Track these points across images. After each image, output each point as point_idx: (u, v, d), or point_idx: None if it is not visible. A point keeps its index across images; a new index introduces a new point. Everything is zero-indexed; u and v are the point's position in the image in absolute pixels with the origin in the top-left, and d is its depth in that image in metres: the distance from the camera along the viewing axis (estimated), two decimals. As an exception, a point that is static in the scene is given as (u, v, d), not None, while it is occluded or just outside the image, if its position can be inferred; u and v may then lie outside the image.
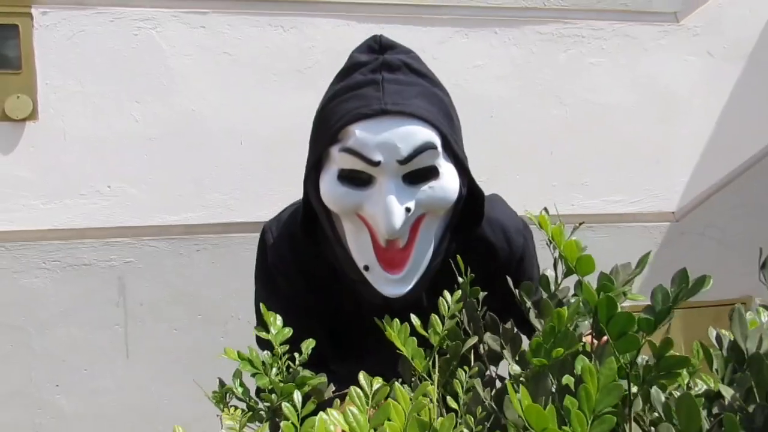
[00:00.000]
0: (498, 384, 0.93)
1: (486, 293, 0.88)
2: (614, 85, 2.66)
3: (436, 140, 0.93)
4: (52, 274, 2.26)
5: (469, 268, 0.87)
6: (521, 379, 0.67)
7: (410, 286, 0.95)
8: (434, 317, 0.89)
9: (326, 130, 0.94)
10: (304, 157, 2.52)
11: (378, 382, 0.62)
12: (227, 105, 2.31)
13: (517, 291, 0.99)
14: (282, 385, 0.86)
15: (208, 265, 2.34)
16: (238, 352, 0.86)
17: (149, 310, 2.33)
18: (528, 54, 2.55)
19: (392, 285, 0.95)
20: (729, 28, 2.74)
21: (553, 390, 0.69)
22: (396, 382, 0.59)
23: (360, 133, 0.90)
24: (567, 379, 0.66)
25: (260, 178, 2.36)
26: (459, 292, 0.91)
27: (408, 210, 0.92)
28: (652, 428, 0.72)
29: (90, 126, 2.24)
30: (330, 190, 0.93)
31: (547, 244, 0.94)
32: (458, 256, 0.89)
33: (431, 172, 0.93)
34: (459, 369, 0.78)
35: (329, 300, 1.08)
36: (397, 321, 0.88)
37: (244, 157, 2.34)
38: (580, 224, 1.10)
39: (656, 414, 0.73)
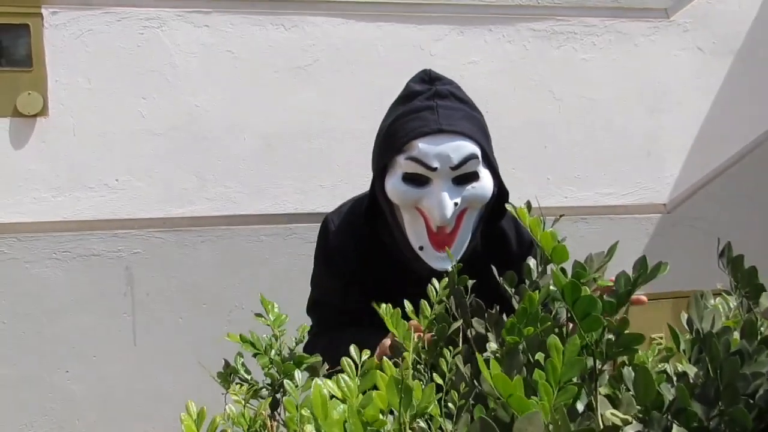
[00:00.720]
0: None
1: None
2: (606, 80, 2.72)
3: (478, 152, 1.21)
4: (62, 264, 2.34)
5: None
6: (497, 355, 0.75)
7: (454, 262, 1.15)
8: (423, 303, 0.97)
9: (394, 143, 1.22)
10: (305, 151, 2.59)
11: (366, 353, 0.70)
12: (230, 101, 2.38)
13: (500, 279, 1.07)
14: (283, 364, 0.94)
15: (212, 256, 2.41)
16: (241, 335, 0.94)
17: (156, 299, 2.40)
18: (522, 50, 2.62)
19: (441, 261, 1.22)
20: (718, 24, 2.79)
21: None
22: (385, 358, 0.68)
23: (422, 146, 1.19)
24: (539, 356, 0.74)
25: (262, 171, 2.43)
26: (445, 280, 0.99)
27: (456, 204, 1.20)
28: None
29: (98, 121, 2.31)
30: (396, 188, 1.22)
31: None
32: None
33: (473, 176, 1.21)
34: (445, 349, 0.86)
35: (379, 274, 1.33)
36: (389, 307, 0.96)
37: (247, 151, 2.41)
38: (560, 216, 1.19)
39: (625, 388, 0.81)
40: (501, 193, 1.29)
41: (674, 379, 0.90)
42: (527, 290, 0.91)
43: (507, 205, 0.97)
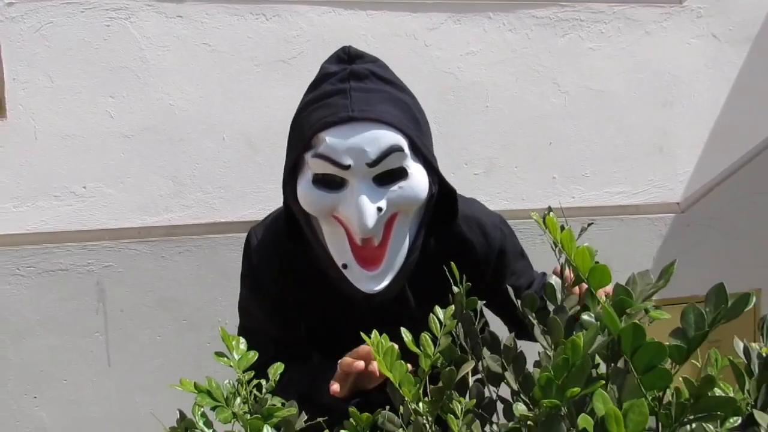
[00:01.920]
0: (499, 408, 0.82)
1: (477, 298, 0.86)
2: (615, 70, 2.55)
3: (403, 143, 0.99)
4: (26, 280, 2.15)
5: (459, 273, 0.87)
6: (529, 422, 0.55)
7: (387, 282, 1.02)
8: (425, 336, 0.78)
9: (299, 138, 1.02)
10: (290, 152, 2.39)
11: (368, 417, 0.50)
12: (207, 99, 2.20)
13: (519, 303, 0.88)
14: (248, 418, 0.74)
15: (192, 268, 2.23)
16: (195, 384, 0.75)
17: (131, 316, 2.22)
18: (524, 39, 2.44)
19: (369, 281, 1.02)
20: (734, 10, 2.62)
21: None
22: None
23: (330, 140, 0.97)
24: (584, 422, 0.54)
25: (244, 175, 2.25)
26: (452, 307, 0.80)
27: (380, 209, 0.98)
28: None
29: (62, 123, 2.12)
30: (306, 194, 1.01)
31: (552, 246, 0.83)
32: (452, 263, 0.88)
33: (400, 173, 1.00)
34: (454, 402, 0.67)
35: (314, 297, 1.15)
36: (383, 331, 0.77)
37: (227, 153, 2.23)
38: (589, 225, 1.00)
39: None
40: (444, 192, 1.08)
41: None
42: (558, 323, 0.71)
43: (533, 214, 0.76)
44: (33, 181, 2.12)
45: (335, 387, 0.95)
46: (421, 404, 0.72)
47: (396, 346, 0.77)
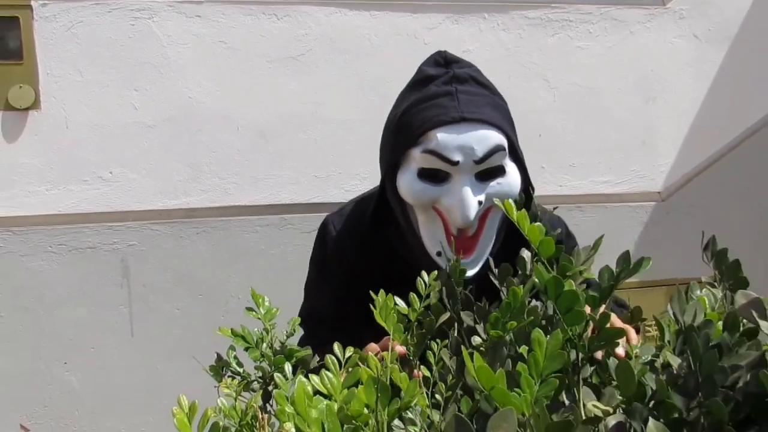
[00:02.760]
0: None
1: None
2: (601, 68, 2.71)
3: (505, 143, 1.07)
4: (58, 257, 2.34)
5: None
6: (482, 348, 0.76)
7: (477, 268, 1.09)
8: (412, 295, 0.98)
9: (408, 135, 1.07)
10: (299, 141, 2.59)
11: (350, 350, 0.70)
12: (223, 92, 2.37)
13: (496, 271, 1.07)
14: (273, 357, 0.95)
15: (208, 248, 2.41)
16: (232, 330, 0.95)
17: (152, 291, 2.41)
18: (516, 38, 2.60)
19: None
20: (714, 11, 2.78)
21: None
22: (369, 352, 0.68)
23: (442, 137, 1.04)
24: (522, 349, 0.75)
25: (256, 162, 2.43)
26: (435, 272, 1.00)
27: (480, 203, 1.06)
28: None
29: (91, 114, 2.30)
30: (411, 186, 1.07)
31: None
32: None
33: (499, 171, 1.08)
34: (432, 342, 0.87)
35: (383, 285, 1.18)
36: (381, 295, 0.96)
37: (241, 142, 2.41)
38: (555, 208, 1.19)
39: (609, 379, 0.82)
40: (526, 187, 1.16)
41: (659, 370, 0.91)
42: (513, 282, 0.92)
43: (495, 200, 0.93)
44: (64, 166, 2.31)
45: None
46: (409, 345, 0.92)
47: (393, 300, 0.95)
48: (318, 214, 1.98)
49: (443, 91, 1.08)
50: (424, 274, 1.00)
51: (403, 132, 1.09)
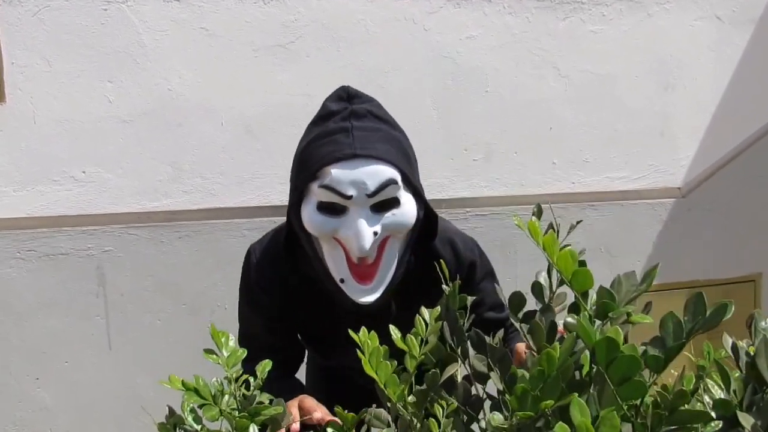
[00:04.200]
0: (486, 406, 0.83)
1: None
2: (616, 53, 2.53)
3: (397, 176, 1.13)
4: (27, 264, 2.16)
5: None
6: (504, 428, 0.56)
7: (378, 294, 1.17)
8: (410, 337, 0.79)
9: (306, 170, 1.14)
10: (289, 137, 2.40)
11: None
12: (206, 83, 2.19)
13: (506, 302, 0.89)
14: (236, 416, 0.76)
15: (191, 253, 2.24)
16: (183, 381, 0.76)
17: (131, 300, 2.24)
18: (524, 23, 2.42)
19: (364, 293, 1.16)
20: (738, -9, 2.59)
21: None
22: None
23: (335, 173, 1.10)
24: (561, 429, 0.55)
25: (243, 160, 2.25)
26: (438, 308, 0.81)
27: (375, 233, 1.13)
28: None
29: (61, 108, 2.12)
30: (311, 218, 1.14)
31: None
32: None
33: (394, 202, 1.14)
34: (436, 405, 0.68)
35: (307, 307, 1.29)
36: (370, 333, 0.78)
37: (226, 138, 2.23)
38: (577, 223, 1.00)
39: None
40: (428, 214, 1.24)
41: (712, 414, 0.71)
42: (540, 326, 0.72)
43: (514, 218, 0.79)
44: (32, 165, 2.13)
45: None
46: (407, 405, 0.73)
47: (383, 347, 0.77)
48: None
49: (339, 128, 1.13)
50: (424, 310, 0.81)
51: (303, 167, 1.16)
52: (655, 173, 2.64)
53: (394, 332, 0.83)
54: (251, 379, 0.82)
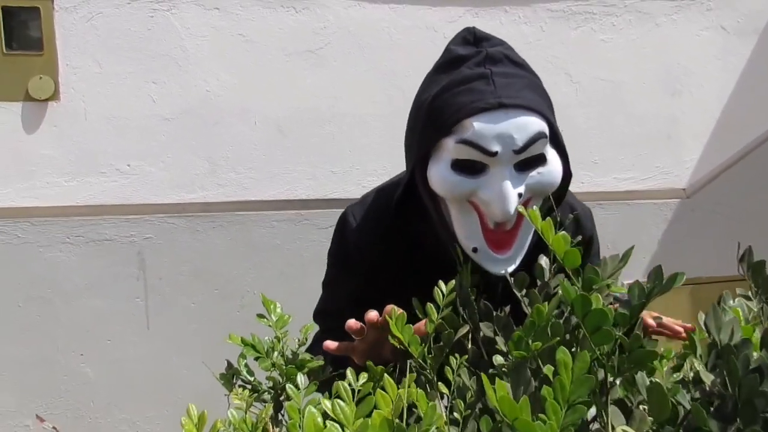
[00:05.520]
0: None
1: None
2: (625, 61, 2.65)
3: (546, 129, 0.98)
4: (75, 248, 2.34)
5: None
6: (503, 369, 0.72)
7: (515, 265, 1.02)
8: (430, 306, 0.95)
9: (438, 124, 0.98)
10: (317, 136, 2.56)
11: (363, 376, 0.68)
12: (241, 85, 2.35)
13: (512, 280, 1.04)
14: (286, 368, 0.92)
15: (224, 242, 2.40)
16: (242, 338, 0.92)
17: (168, 284, 2.40)
18: (538, 31, 2.55)
19: (499, 264, 1.01)
20: (743, 2, 2.70)
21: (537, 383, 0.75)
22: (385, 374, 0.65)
23: (478, 126, 0.94)
24: (548, 370, 0.72)
25: (273, 157, 2.40)
26: (452, 282, 0.96)
27: (520, 195, 0.97)
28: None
29: (109, 106, 2.30)
30: (444, 178, 0.98)
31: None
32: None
33: (540, 160, 0.99)
34: (451, 356, 0.84)
35: (406, 280, 1.11)
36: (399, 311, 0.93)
37: (258, 136, 2.39)
38: (574, 214, 1.15)
39: (640, 397, 0.78)
40: (565, 174, 1.07)
41: (690, 386, 0.87)
42: (536, 296, 0.89)
43: (518, 207, 0.89)
44: (82, 158, 2.31)
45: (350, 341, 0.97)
46: (426, 359, 0.89)
47: (404, 313, 0.92)
48: (335, 210, 1.94)
49: (477, 74, 0.97)
50: (441, 284, 0.96)
51: (434, 120, 0.99)
52: (661, 175, 2.76)
53: (416, 304, 0.98)
54: (295, 340, 0.98)
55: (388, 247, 1.12)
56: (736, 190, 2.80)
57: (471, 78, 0.97)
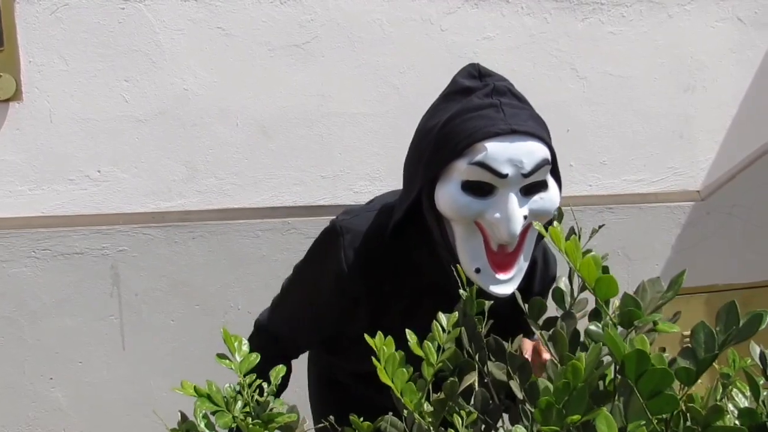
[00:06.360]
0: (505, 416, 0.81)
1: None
2: (635, 55, 2.50)
3: (549, 157, 1.06)
4: (42, 263, 2.17)
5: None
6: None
7: (515, 286, 1.06)
8: (427, 344, 0.77)
9: (451, 146, 1.04)
10: (304, 137, 2.40)
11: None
12: (221, 83, 2.19)
13: (525, 306, 0.87)
14: (250, 423, 0.74)
15: (205, 254, 2.23)
16: (195, 387, 0.74)
17: (145, 300, 2.23)
18: (542, 23, 2.39)
19: (501, 285, 1.05)
20: (760, -8, 2.56)
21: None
22: None
23: (492, 148, 1.01)
24: (587, 444, 0.53)
25: (257, 161, 2.24)
26: (456, 314, 0.79)
27: (525, 217, 1.04)
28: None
29: (77, 106, 2.12)
30: (454, 200, 1.04)
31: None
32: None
33: (542, 185, 1.06)
34: (455, 415, 0.66)
35: (397, 303, 1.18)
36: (389, 343, 0.76)
37: (241, 138, 2.22)
38: (600, 227, 0.98)
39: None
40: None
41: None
42: (563, 337, 0.70)
43: (535, 224, 0.77)
44: (48, 164, 2.14)
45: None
46: (423, 414, 0.71)
47: (400, 353, 0.76)
48: (324, 217, 1.80)
49: (487, 103, 1.05)
50: (441, 317, 0.79)
51: (445, 143, 1.06)
52: (674, 176, 2.61)
53: (410, 337, 0.81)
54: (265, 385, 0.80)
55: (383, 272, 1.15)
56: (754, 191, 2.66)
57: (482, 106, 1.04)
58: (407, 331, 0.81)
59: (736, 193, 2.64)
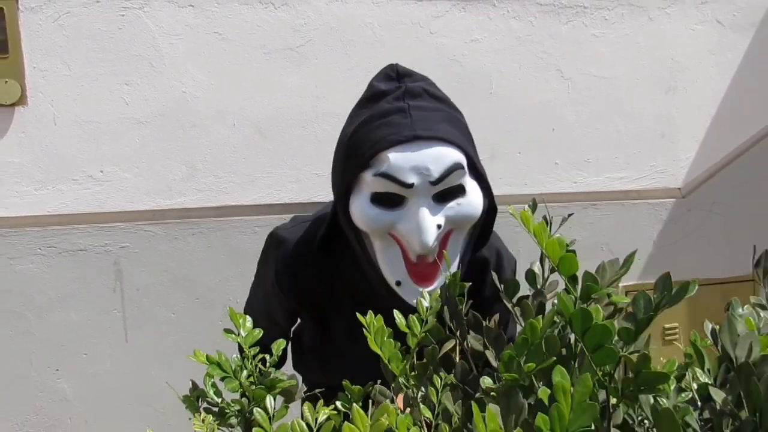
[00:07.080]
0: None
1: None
2: (618, 57, 2.58)
3: (463, 160, 1.00)
4: (48, 259, 2.24)
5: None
6: (492, 393, 0.63)
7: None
8: (412, 317, 0.86)
9: (357, 158, 1.00)
10: (298, 137, 2.47)
11: (324, 412, 0.58)
12: (218, 86, 2.26)
13: (501, 286, 0.95)
14: (254, 388, 0.83)
15: (204, 249, 2.31)
16: (207, 356, 0.83)
17: (146, 294, 2.31)
18: (528, 26, 2.48)
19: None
20: (739, -5, 2.65)
21: (530, 402, 0.65)
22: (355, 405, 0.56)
23: (394, 158, 0.96)
24: (543, 393, 0.62)
25: (254, 160, 2.32)
26: (438, 290, 0.88)
27: (439, 226, 0.99)
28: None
29: (80, 110, 2.20)
30: (364, 212, 1.00)
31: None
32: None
33: (458, 190, 1.01)
34: (435, 375, 0.75)
35: (331, 312, 1.17)
36: (378, 319, 0.85)
37: (237, 139, 2.30)
38: (569, 216, 1.06)
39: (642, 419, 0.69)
40: (489, 209, 1.08)
41: (698, 402, 0.78)
42: (529, 307, 0.79)
43: (509, 208, 0.82)
44: (53, 165, 2.21)
45: None
46: (408, 378, 0.80)
47: (388, 328, 0.84)
48: (318, 214, 1.87)
49: (395, 108, 1.00)
50: (425, 293, 0.87)
51: (353, 154, 1.01)
52: (655, 174, 2.69)
53: (398, 316, 0.89)
54: (267, 357, 0.89)
55: (315, 282, 1.13)
56: (733, 189, 2.74)
57: (389, 112, 1.00)
58: (395, 311, 0.89)
59: (716, 190, 2.72)
